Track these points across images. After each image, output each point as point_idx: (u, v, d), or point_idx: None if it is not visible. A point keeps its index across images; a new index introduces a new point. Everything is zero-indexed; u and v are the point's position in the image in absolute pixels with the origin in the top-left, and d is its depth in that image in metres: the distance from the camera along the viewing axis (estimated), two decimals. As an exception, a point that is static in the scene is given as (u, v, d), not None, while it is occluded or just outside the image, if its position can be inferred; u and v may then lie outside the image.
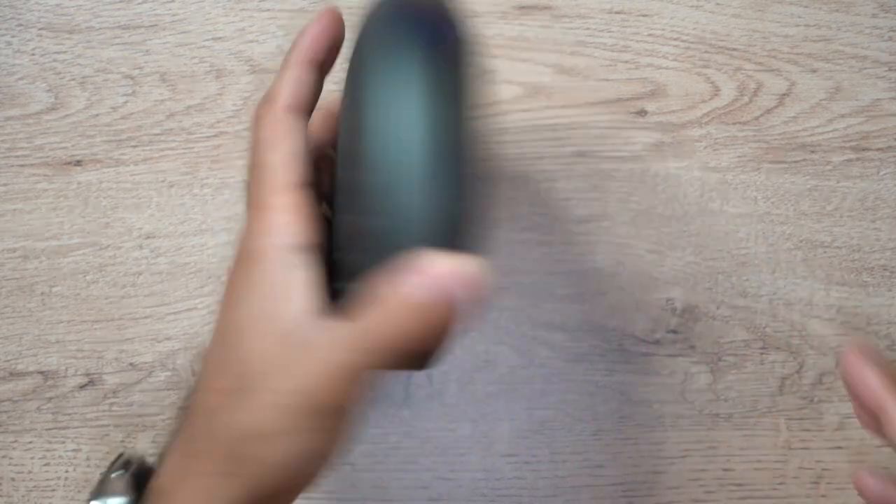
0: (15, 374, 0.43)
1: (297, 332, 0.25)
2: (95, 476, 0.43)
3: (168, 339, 0.43)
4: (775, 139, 0.45)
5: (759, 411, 0.44)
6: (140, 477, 0.31)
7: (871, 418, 0.34)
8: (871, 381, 0.34)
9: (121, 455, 0.32)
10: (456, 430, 0.43)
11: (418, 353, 0.26)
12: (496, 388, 0.44)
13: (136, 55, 0.44)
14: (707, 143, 0.45)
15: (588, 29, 0.45)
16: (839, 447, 0.44)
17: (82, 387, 0.43)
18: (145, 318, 0.43)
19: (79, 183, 0.43)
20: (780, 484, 0.44)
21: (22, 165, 0.43)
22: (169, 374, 0.43)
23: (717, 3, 0.45)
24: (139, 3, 0.44)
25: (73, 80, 0.44)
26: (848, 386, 0.36)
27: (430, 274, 0.25)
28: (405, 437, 0.43)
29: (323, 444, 0.26)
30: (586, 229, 0.44)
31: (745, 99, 0.45)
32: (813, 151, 0.45)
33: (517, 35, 0.45)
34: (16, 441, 0.43)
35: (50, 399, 0.43)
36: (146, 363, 0.43)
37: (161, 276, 0.43)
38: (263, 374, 0.26)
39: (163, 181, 0.44)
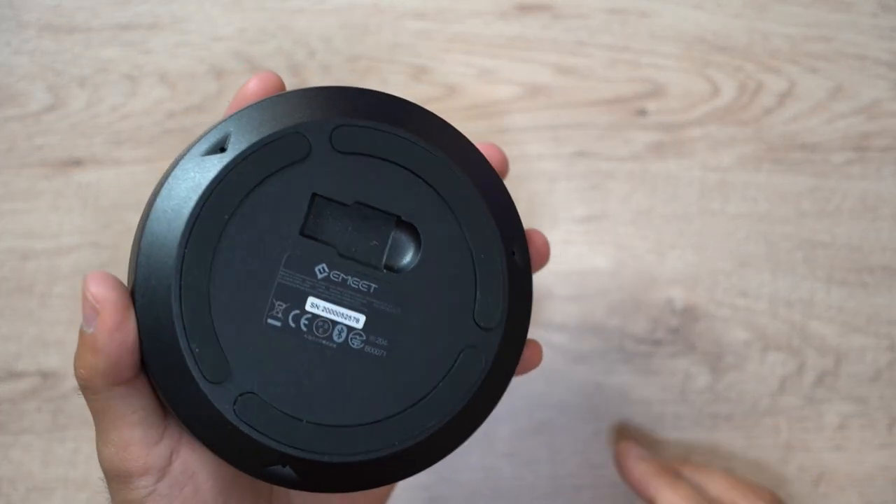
0: (14, 374, 0.43)
1: None
2: (95, 476, 0.43)
3: (168, 339, 0.43)
4: (775, 139, 0.45)
5: (759, 411, 0.44)
6: None
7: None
8: (642, 469, 0.40)
9: None
10: (456, 430, 0.43)
11: None
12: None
13: (136, 55, 0.44)
14: (707, 143, 0.45)
15: (588, 29, 0.45)
16: (839, 447, 0.44)
17: (82, 387, 0.43)
18: (145, 318, 0.43)
19: (78, 183, 0.43)
20: (781, 484, 0.44)
21: (21, 165, 0.43)
22: (169, 374, 0.43)
23: (717, 3, 0.45)
24: (139, 3, 0.44)
25: (73, 79, 0.44)
26: (622, 474, 0.42)
27: None
28: (405, 438, 0.43)
29: None
30: (586, 229, 0.44)
31: (745, 99, 0.45)
32: (813, 151, 0.45)
33: (517, 35, 0.45)
34: (15, 441, 0.43)
35: (50, 399, 0.43)
36: (146, 363, 0.43)
37: (161, 276, 0.43)
38: None
39: (162, 181, 0.44)
